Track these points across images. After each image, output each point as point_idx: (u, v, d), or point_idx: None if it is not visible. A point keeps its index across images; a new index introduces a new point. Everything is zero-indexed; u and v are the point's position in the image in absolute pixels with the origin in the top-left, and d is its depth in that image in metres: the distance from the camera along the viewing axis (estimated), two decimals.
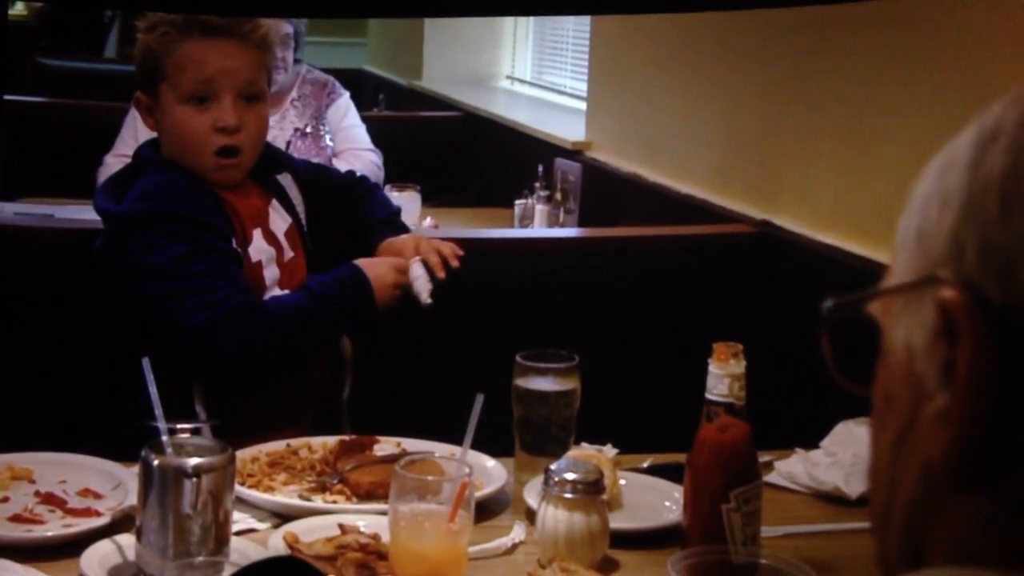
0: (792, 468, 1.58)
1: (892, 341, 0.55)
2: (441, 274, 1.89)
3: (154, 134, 1.89)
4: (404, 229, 2.00)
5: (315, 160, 2.66)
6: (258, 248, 1.81)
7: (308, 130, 3.07)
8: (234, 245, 1.78)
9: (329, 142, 3.13)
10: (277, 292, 1.82)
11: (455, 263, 1.92)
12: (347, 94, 3.27)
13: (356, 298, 1.80)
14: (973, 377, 0.50)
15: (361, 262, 1.84)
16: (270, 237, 1.84)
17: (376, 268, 1.83)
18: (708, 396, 1.38)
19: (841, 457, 1.54)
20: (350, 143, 3.18)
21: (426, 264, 1.89)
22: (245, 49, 1.81)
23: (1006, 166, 0.51)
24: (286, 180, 1.93)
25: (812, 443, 1.62)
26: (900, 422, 0.54)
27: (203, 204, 1.76)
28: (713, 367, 1.37)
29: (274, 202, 1.88)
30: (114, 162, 2.71)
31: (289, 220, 1.89)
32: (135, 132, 2.69)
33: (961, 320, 0.50)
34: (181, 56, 1.78)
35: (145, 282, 1.72)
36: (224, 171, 1.81)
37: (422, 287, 1.85)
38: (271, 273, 1.82)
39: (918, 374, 0.53)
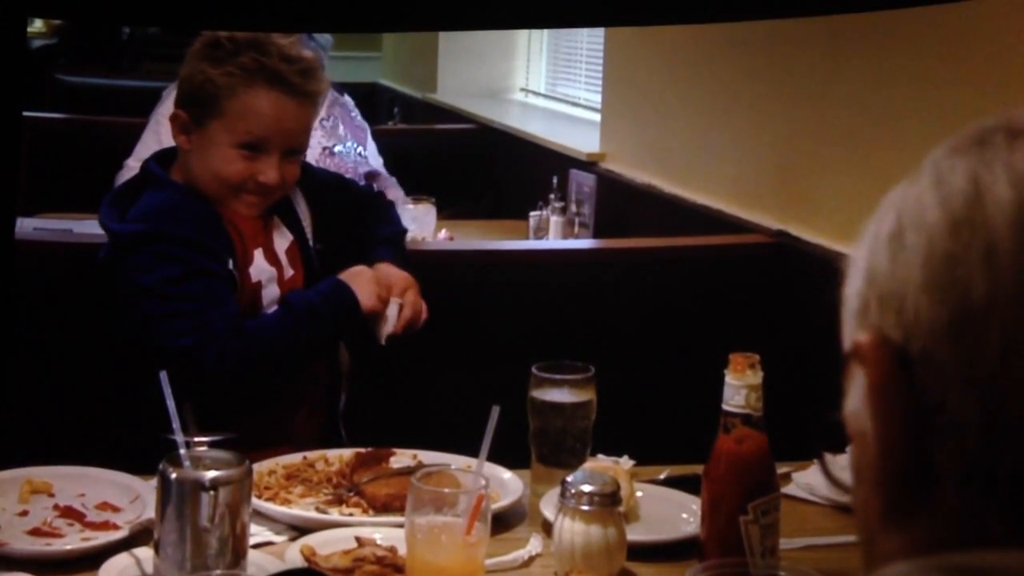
0: (810, 479, 1.58)
1: (847, 413, 0.60)
2: (399, 328, 1.85)
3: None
4: (403, 251, 1.99)
5: None
6: (259, 268, 1.82)
7: (336, 149, 3.07)
8: (231, 266, 1.78)
9: (367, 165, 3.14)
10: None
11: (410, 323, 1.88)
12: (367, 126, 3.29)
13: (338, 306, 1.79)
14: (883, 409, 0.56)
15: (342, 274, 1.84)
16: (272, 257, 1.85)
17: (357, 277, 1.83)
18: (725, 407, 1.37)
19: None
20: (381, 176, 3.19)
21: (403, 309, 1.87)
22: (303, 108, 1.82)
23: (893, 226, 0.59)
24: (295, 195, 1.94)
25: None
26: (866, 486, 0.59)
27: (202, 224, 1.77)
28: (730, 378, 1.36)
29: (276, 220, 1.89)
30: (135, 166, 2.72)
31: (290, 238, 1.89)
32: (159, 138, 2.69)
33: (868, 358, 0.57)
34: (243, 104, 1.78)
35: (136, 302, 1.73)
36: (245, 207, 1.82)
37: (386, 329, 1.85)
38: (270, 293, 1.83)
39: (863, 432, 0.58)
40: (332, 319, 1.80)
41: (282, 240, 1.89)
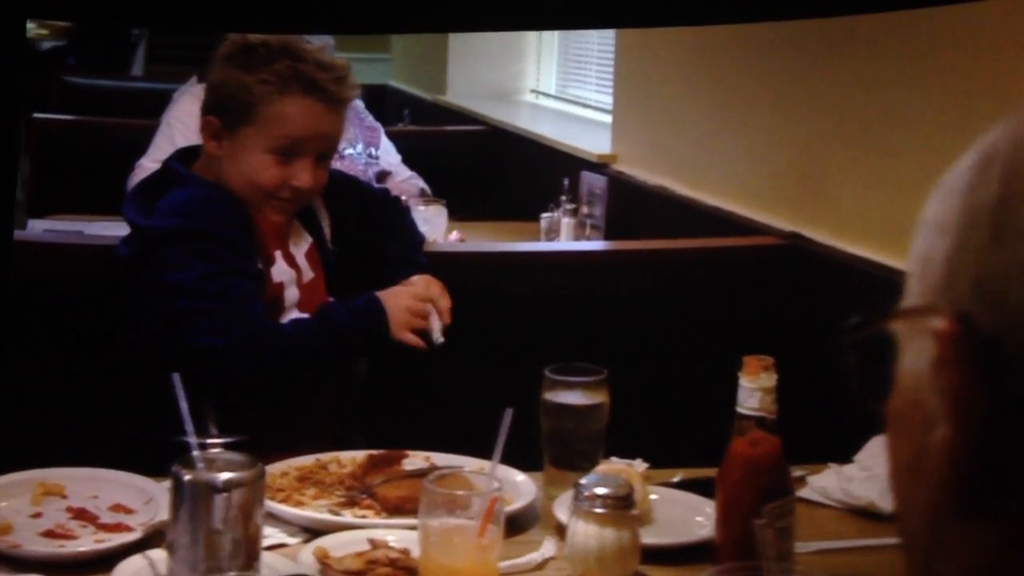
0: (825, 483, 1.57)
1: (902, 363, 0.55)
2: (447, 319, 1.88)
3: (189, 143, 1.89)
4: (422, 266, 2.00)
5: None
6: (280, 269, 1.82)
7: (346, 152, 3.07)
8: (259, 265, 1.78)
9: (378, 166, 3.14)
10: (295, 314, 1.82)
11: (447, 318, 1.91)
12: (380, 126, 3.29)
13: (370, 328, 1.80)
14: (963, 409, 0.50)
15: (381, 293, 1.84)
16: (289, 259, 1.84)
17: (395, 299, 1.83)
18: (739, 410, 1.36)
19: (876, 471, 1.53)
20: (397, 176, 3.19)
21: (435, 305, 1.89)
22: (337, 114, 1.82)
23: (998, 193, 0.50)
24: (315, 199, 1.94)
25: (845, 458, 1.60)
26: (912, 446, 0.54)
27: (231, 222, 1.77)
28: (744, 380, 1.36)
29: (296, 223, 1.89)
30: (150, 166, 2.73)
31: (310, 240, 1.89)
32: (171, 139, 2.70)
33: (951, 351, 0.50)
34: (278, 111, 1.78)
35: (167, 299, 1.72)
36: (276, 212, 1.82)
37: (435, 326, 1.86)
38: (291, 294, 1.83)
39: (923, 401, 0.53)
40: (362, 334, 1.80)
41: (302, 243, 1.89)
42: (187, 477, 1.24)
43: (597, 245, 2.97)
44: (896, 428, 0.55)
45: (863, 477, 1.54)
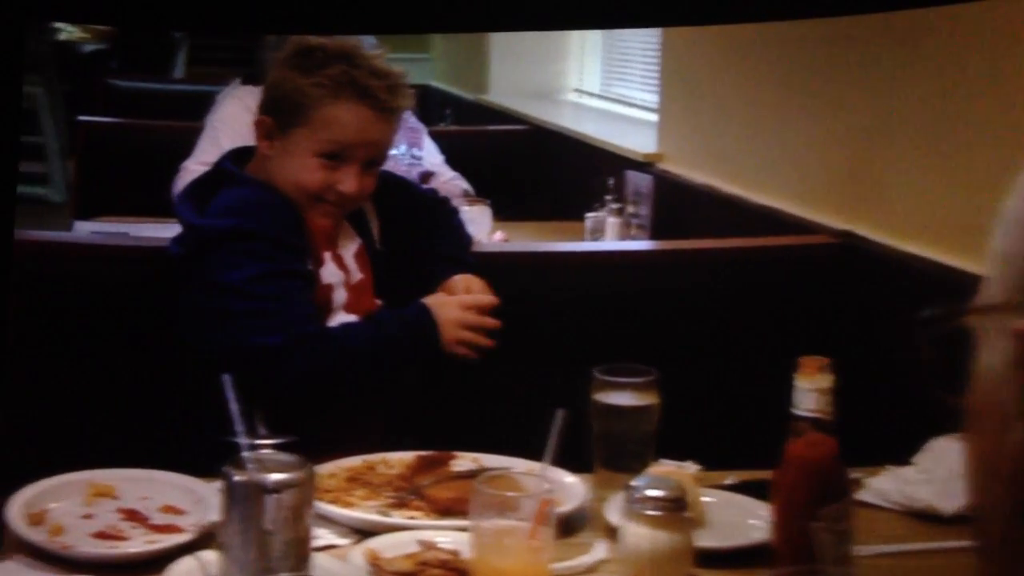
0: (883, 485, 1.54)
1: (980, 359, 0.54)
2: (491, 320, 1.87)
3: (234, 145, 1.89)
4: (468, 267, 1.98)
5: None
6: (329, 271, 1.82)
7: (389, 153, 3.07)
8: (309, 266, 1.78)
9: (421, 167, 3.14)
10: (343, 316, 1.82)
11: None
12: (423, 126, 3.29)
13: (419, 337, 1.79)
14: None
15: (431, 304, 1.82)
16: (338, 260, 1.84)
17: (445, 310, 1.82)
18: (794, 411, 1.34)
19: (935, 474, 1.50)
20: (441, 176, 3.19)
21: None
22: (389, 123, 1.83)
23: None
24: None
25: (902, 460, 1.57)
26: (989, 445, 0.53)
27: (285, 223, 1.77)
28: (799, 381, 1.34)
29: (345, 224, 1.88)
30: (195, 168, 2.74)
31: (359, 241, 1.89)
32: (216, 141, 2.71)
33: None
34: (330, 114, 1.79)
35: (219, 299, 1.72)
36: (321, 216, 1.82)
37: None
38: (339, 296, 1.83)
39: (1001, 399, 0.52)
40: (412, 347, 1.80)
41: (350, 244, 1.89)
42: (238, 478, 1.24)
43: (644, 245, 2.95)
44: (973, 426, 0.54)
45: (922, 479, 1.51)
